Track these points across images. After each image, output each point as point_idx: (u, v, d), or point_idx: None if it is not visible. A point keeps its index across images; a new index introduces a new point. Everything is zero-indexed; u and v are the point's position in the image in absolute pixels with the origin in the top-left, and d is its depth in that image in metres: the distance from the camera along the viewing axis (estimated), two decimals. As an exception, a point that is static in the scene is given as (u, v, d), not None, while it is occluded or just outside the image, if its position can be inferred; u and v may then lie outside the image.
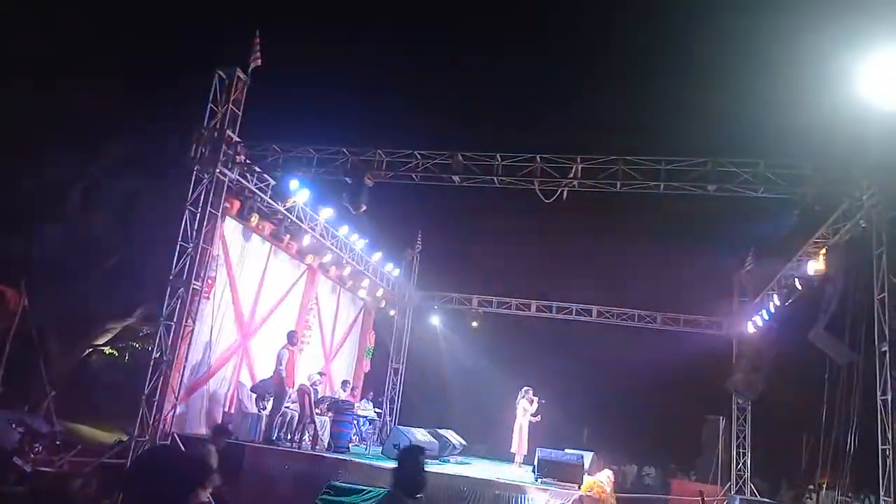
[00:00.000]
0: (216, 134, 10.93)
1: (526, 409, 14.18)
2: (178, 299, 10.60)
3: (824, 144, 10.36)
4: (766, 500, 16.28)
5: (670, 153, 10.62)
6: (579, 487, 10.25)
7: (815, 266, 11.95)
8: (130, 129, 15.38)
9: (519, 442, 14.02)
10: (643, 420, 21.86)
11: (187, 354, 10.83)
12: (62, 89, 14.38)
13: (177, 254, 10.65)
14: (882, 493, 8.70)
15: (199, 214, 10.77)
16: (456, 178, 11.03)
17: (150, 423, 10.04)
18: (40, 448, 10.30)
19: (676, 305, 18.20)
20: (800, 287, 13.09)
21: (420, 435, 12.65)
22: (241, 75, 11.10)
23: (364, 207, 10.92)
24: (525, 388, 14.44)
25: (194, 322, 10.94)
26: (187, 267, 10.67)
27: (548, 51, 23.01)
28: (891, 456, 8.52)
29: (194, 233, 10.74)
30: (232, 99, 11.05)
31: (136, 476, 2.28)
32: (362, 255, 16.30)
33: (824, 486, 19.87)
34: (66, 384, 15.44)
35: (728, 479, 16.99)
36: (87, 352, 18.31)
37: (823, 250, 11.69)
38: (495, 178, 10.93)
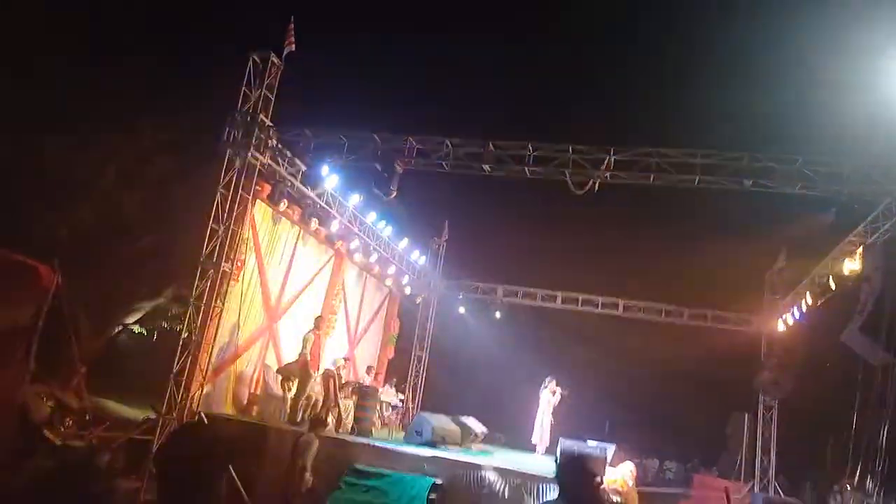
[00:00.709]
0: (249, 118, 10.97)
1: (549, 399, 14.12)
2: (207, 280, 10.71)
3: (863, 143, 10.14)
4: (789, 498, 16.12)
5: (705, 147, 10.47)
6: (602, 481, 10.20)
7: (851, 265, 11.72)
8: (165, 111, 15.50)
9: (541, 432, 13.98)
10: (667, 414, 21.70)
11: (215, 335, 10.95)
12: (100, 69, 14.52)
13: (207, 236, 10.74)
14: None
15: (230, 197, 10.85)
16: (486, 167, 10.98)
17: (178, 401, 10.18)
18: (70, 422, 10.53)
19: (705, 301, 17.98)
20: (833, 286, 12.85)
21: (443, 421, 12.68)
22: (276, 60, 11.11)
23: (395, 193, 10.92)
24: (549, 377, 14.38)
25: (223, 304, 11.05)
26: (217, 249, 10.77)
27: (584, 41, 22.76)
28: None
29: (225, 215, 10.83)
30: (266, 83, 11.07)
31: (169, 451, 2.29)
32: (389, 242, 16.32)
33: (850, 486, 19.65)
34: (96, 361, 15.70)
35: (751, 477, 16.82)
36: (116, 330, 18.60)
37: (860, 249, 11.45)
38: (526, 169, 10.86)
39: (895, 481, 13.95)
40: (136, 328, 19.38)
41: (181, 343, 10.51)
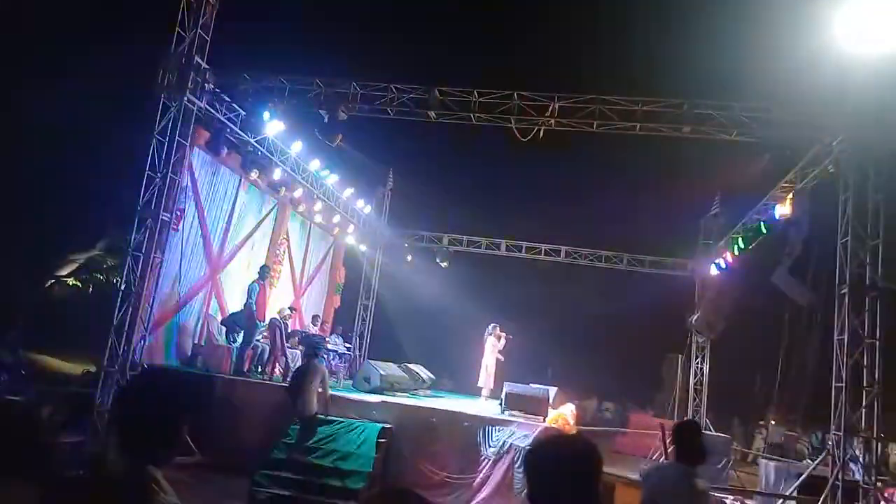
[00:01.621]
0: (184, 60, 10.52)
1: (494, 345, 14.41)
2: (146, 230, 10.39)
3: (798, 90, 10.43)
4: (719, 433, 17.03)
5: (647, 95, 10.62)
6: (545, 420, 10.58)
7: (782, 210, 12.18)
8: (94, 54, 14.71)
9: (486, 377, 14.30)
10: (605, 357, 22.44)
11: (156, 286, 10.70)
12: (23, 11, 13.64)
13: (144, 184, 10.38)
14: (833, 426, 9.13)
15: (166, 144, 10.46)
16: (432, 113, 10.87)
17: (120, 353, 9.97)
18: (6, 378, 10.23)
19: (643, 247, 18.51)
20: (765, 231, 13.36)
21: (391, 369, 12.84)
22: (210, -1, 10.65)
23: (340, 139, 10.74)
24: (493, 324, 14.64)
25: (163, 254, 10.78)
26: (155, 198, 10.43)
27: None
28: (844, 393, 8.90)
29: (162, 163, 10.46)
30: (200, 23, 10.59)
31: (133, 394, 2.25)
32: (333, 190, 16.11)
33: (774, 421, 20.92)
34: (31, 316, 15.20)
35: (684, 415, 17.64)
36: (50, 283, 17.98)
37: (790, 194, 11.90)
38: (472, 115, 10.81)
39: (818, 414, 14.90)
40: (71, 280, 18.76)
41: (121, 294, 10.23)
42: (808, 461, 13.94)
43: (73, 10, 14.30)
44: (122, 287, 10.30)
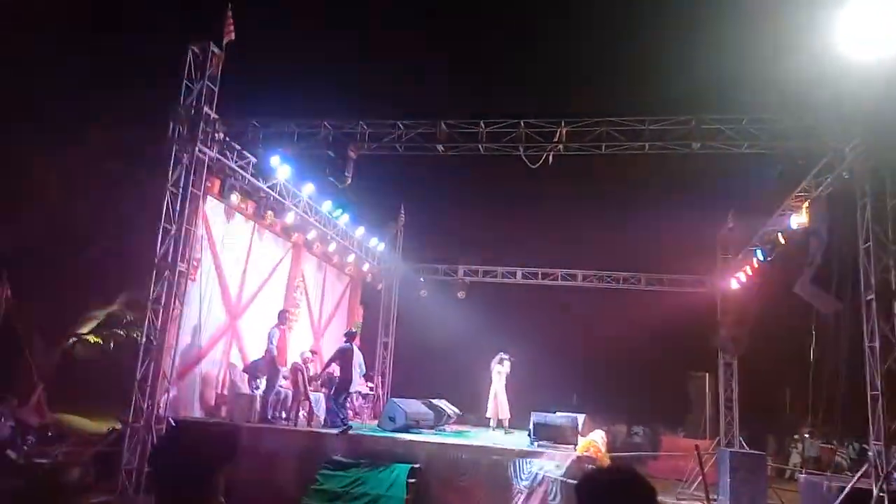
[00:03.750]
0: (193, 111, 10.68)
1: (501, 372, 14.27)
2: (164, 282, 10.43)
3: (806, 97, 10.39)
4: (754, 451, 16.66)
5: (653, 113, 10.61)
6: (575, 448, 10.39)
7: (799, 219, 12.06)
8: (105, 111, 14.97)
9: (496, 406, 14.10)
10: (631, 381, 22.13)
11: (177, 338, 10.70)
12: (32, 72, 13.94)
13: (160, 236, 10.46)
14: (872, 437, 8.89)
15: (180, 195, 10.56)
16: (440, 146, 10.92)
17: (144, 408, 9.94)
18: (33, 440, 10.21)
19: (660, 266, 18.35)
20: (783, 241, 13.22)
21: (415, 406, 12.70)
22: (216, 50, 10.81)
23: (349, 180, 10.79)
24: (500, 353, 14.50)
25: (182, 305, 10.80)
26: (171, 249, 10.48)
27: (526, 13, 22.74)
28: (880, 402, 8.68)
29: (176, 214, 10.54)
30: (207, 75, 10.76)
31: (167, 450, 2.21)
32: (346, 230, 16.16)
33: (809, 434, 20.44)
34: (53, 375, 15.23)
35: (716, 434, 17.31)
36: (71, 342, 18.06)
37: (806, 203, 11.79)
38: (480, 146, 10.84)
39: (851, 425, 14.55)
40: (92, 338, 18.84)
41: (142, 348, 10.24)
42: (848, 474, 13.57)
43: (82, 65, 14.58)
44: (143, 341, 10.31)
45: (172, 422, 10.18)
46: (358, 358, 12.05)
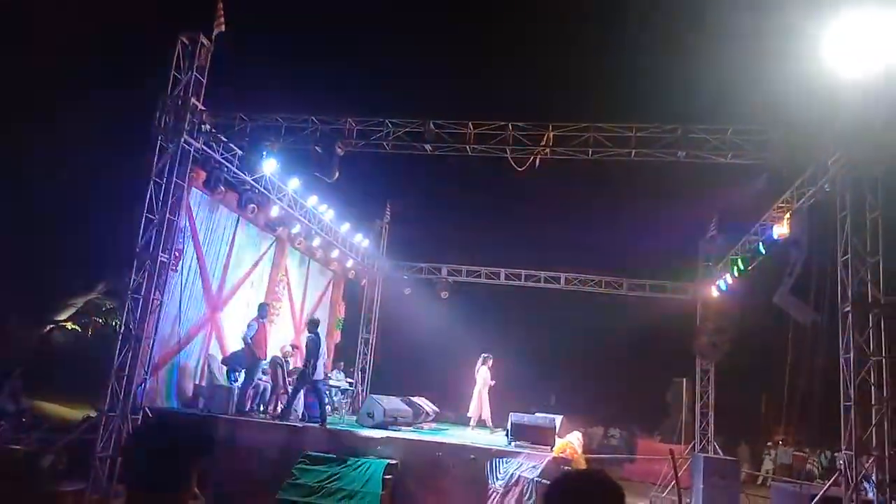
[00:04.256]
0: (180, 102, 10.62)
1: (485, 375, 14.27)
2: (144, 272, 10.37)
3: (791, 110, 10.52)
4: (727, 457, 16.85)
5: (641, 120, 10.70)
6: (552, 449, 10.45)
7: (780, 230, 12.21)
8: (91, 98, 14.82)
9: (479, 405, 14.13)
10: (609, 384, 22.33)
11: (156, 328, 10.64)
12: (17, 56, 13.76)
13: (142, 225, 10.39)
14: (844, 446, 9.03)
15: (164, 185, 10.49)
16: (428, 146, 10.93)
17: (121, 397, 9.87)
18: (6, 426, 10.10)
19: (643, 272, 18.48)
20: (763, 251, 13.38)
21: (394, 403, 12.73)
22: (205, 41, 10.75)
23: (337, 175, 10.78)
24: (484, 354, 14.53)
25: (162, 295, 10.73)
26: (153, 239, 10.42)
27: (518, 17, 22.81)
28: (852, 412, 8.82)
29: (160, 204, 10.48)
30: (196, 66, 10.70)
31: (143, 440, 2.22)
32: (331, 225, 16.12)
33: (781, 442, 20.73)
34: (29, 362, 15.06)
35: (691, 439, 17.48)
36: (49, 328, 17.87)
37: (788, 214, 11.93)
38: (467, 147, 10.86)
39: (825, 434, 14.76)
40: (69, 325, 18.67)
41: (121, 337, 10.17)
42: (819, 482, 13.78)
43: (70, 53, 14.42)
44: (122, 329, 10.24)
45: (149, 412, 10.13)
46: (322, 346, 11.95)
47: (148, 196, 10.41)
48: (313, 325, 12.11)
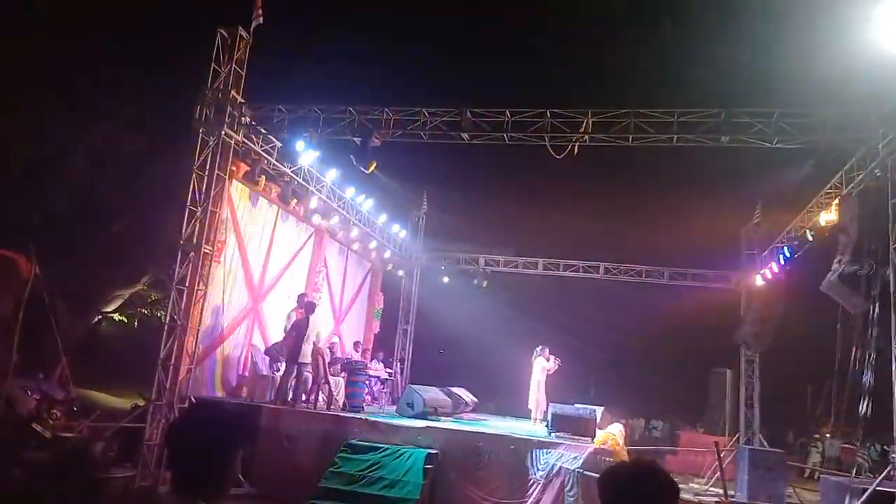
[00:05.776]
0: (220, 95, 10.74)
1: (543, 366, 14.16)
2: (188, 264, 10.56)
3: (839, 93, 10.19)
4: (774, 449, 16.52)
5: (683, 105, 10.46)
6: (593, 440, 10.36)
7: (828, 216, 11.87)
8: (134, 91, 15.09)
9: (537, 398, 14.03)
10: (651, 374, 22.03)
11: (200, 318, 10.82)
12: (63, 51, 14.06)
13: (186, 217, 10.56)
14: (896, 439, 8.76)
15: (206, 177, 10.65)
16: (465, 135, 10.87)
17: (167, 386, 10.09)
18: (58, 414, 10.38)
19: (684, 260, 18.16)
20: (811, 238, 13.03)
21: (433, 393, 12.75)
22: (244, 34, 10.85)
23: (375, 165, 10.80)
24: (540, 346, 14.42)
25: (206, 286, 10.91)
26: (197, 231, 10.60)
27: (556, 2, 22.54)
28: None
29: (202, 196, 10.64)
30: (235, 59, 10.81)
31: (184, 429, 2.23)
32: (369, 216, 16.20)
33: (829, 434, 20.21)
34: (77, 351, 15.47)
35: (735, 431, 17.18)
36: (96, 319, 18.35)
37: (836, 200, 11.58)
38: (505, 135, 10.77)
39: (873, 427, 14.34)
40: (116, 316, 19.13)
41: (166, 328, 10.38)
42: (869, 475, 13.40)
43: (111, 48, 14.70)
44: (167, 321, 10.45)
45: (193, 400, 10.32)
46: (313, 328, 11.85)
47: (191, 188, 10.58)
48: (311, 307, 12.09)
